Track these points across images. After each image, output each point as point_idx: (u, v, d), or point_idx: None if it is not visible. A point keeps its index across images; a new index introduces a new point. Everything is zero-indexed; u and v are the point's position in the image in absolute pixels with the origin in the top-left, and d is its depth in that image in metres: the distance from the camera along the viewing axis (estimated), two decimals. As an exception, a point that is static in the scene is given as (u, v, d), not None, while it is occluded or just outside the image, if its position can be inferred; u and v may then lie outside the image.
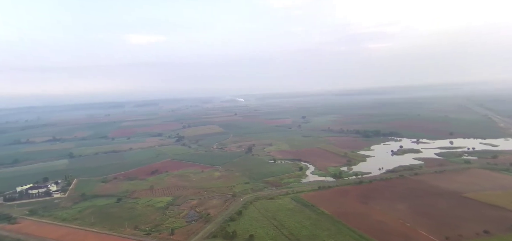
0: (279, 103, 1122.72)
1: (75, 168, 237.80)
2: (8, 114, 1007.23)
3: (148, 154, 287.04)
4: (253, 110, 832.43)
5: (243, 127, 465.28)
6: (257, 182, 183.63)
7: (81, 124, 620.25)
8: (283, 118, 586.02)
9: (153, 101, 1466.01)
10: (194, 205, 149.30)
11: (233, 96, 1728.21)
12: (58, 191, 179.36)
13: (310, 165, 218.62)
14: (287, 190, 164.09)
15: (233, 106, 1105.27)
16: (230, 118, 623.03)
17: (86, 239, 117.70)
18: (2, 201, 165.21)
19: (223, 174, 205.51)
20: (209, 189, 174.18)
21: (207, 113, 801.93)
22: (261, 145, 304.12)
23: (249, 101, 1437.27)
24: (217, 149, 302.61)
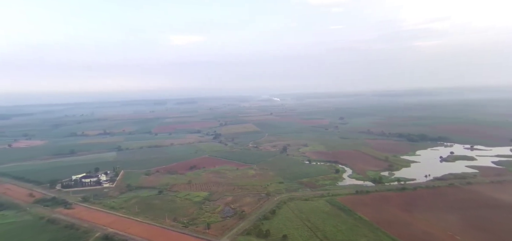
0: (316, 103, 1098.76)
1: (122, 160, 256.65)
2: (66, 108, 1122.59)
3: (187, 150, 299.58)
4: (289, 110, 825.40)
5: (279, 127, 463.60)
6: (291, 182, 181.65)
7: (128, 120, 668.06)
8: (319, 118, 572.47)
9: (193, 99, 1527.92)
10: (229, 202, 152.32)
11: (269, 95, 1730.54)
12: (107, 181, 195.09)
13: (348, 168, 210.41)
14: (322, 192, 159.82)
15: (269, 105, 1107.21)
16: (265, 117, 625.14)
17: (131, 227, 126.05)
18: (60, 188, 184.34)
19: (257, 173, 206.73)
20: (244, 186, 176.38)
21: (243, 111, 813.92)
22: (296, 145, 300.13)
23: (285, 100, 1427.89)
24: (252, 148, 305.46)
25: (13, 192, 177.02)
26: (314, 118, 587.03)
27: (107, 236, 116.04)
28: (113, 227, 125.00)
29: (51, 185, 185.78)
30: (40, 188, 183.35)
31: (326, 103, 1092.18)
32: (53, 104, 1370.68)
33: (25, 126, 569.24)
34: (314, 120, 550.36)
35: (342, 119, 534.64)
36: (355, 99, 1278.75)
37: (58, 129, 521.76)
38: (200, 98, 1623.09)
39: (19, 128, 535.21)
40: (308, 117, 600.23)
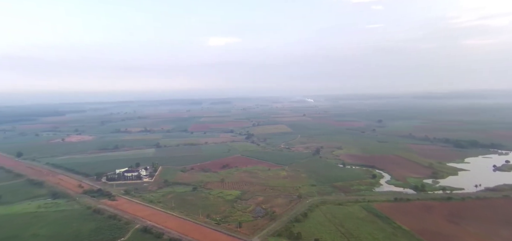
0: (352, 105, 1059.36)
1: (160, 157, 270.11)
2: (112, 107, 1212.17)
3: (220, 149, 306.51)
4: (323, 111, 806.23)
5: (312, 128, 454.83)
6: (324, 185, 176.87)
7: (166, 118, 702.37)
8: (355, 120, 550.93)
9: (227, 99, 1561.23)
10: (260, 202, 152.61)
11: (303, 96, 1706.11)
12: (147, 175, 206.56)
13: (386, 173, 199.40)
14: (357, 198, 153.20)
15: (302, 106, 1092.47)
16: (298, 119, 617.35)
17: (167, 221, 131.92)
18: (105, 180, 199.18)
19: (289, 174, 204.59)
20: (275, 187, 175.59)
21: (276, 112, 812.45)
22: (330, 148, 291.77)
23: (319, 101, 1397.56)
24: (284, 149, 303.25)
25: (65, 182, 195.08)
26: (350, 120, 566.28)
27: (145, 228, 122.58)
28: (151, 220, 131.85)
29: (97, 177, 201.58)
30: (88, 180, 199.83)
31: (362, 105, 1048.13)
32: (101, 102, 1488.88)
33: (76, 122, 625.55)
34: (349, 122, 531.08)
35: (380, 122, 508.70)
36: (395, 101, 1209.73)
37: (104, 126, 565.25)
38: (234, 98, 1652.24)
39: (72, 124, 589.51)
40: (343, 119, 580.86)
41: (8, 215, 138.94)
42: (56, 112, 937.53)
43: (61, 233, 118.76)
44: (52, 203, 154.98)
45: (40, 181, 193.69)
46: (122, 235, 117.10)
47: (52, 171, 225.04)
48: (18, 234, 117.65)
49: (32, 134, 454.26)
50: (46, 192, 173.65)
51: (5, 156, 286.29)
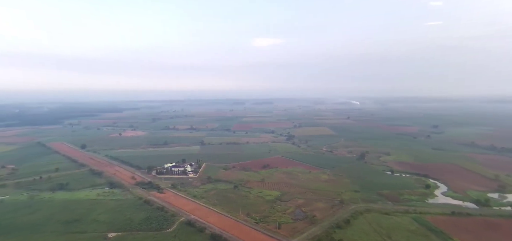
0: (403, 108, 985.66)
1: (204, 154, 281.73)
2: (163, 105, 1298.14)
3: (261, 149, 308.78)
4: (369, 114, 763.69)
5: (356, 132, 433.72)
6: (369, 192, 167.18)
7: (211, 117, 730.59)
8: (406, 125, 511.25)
9: (269, 100, 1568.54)
10: (300, 204, 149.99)
11: (347, 98, 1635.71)
12: (191, 171, 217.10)
13: (441, 184, 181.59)
14: (407, 208, 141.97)
15: (346, 108, 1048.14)
16: (342, 121, 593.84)
17: (209, 216, 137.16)
18: (155, 174, 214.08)
19: (331, 178, 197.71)
20: (316, 190, 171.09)
21: (318, 114, 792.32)
22: (376, 153, 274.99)
23: (365, 104, 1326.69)
24: (326, 152, 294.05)
25: (121, 174, 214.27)
26: (400, 124, 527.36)
27: (189, 222, 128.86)
28: (194, 214, 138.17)
29: (148, 170, 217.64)
30: (140, 172, 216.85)
31: (416, 108, 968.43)
32: (153, 100, 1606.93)
33: (132, 119, 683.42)
34: (399, 126, 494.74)
35: (436, 127, 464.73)
36: (457, 105, 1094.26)
37: (155, 123, 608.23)
38: (276, 99, 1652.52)
39: (128, 120, 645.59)
40: (392, 123, 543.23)
41: (73, 201, 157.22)
42: (116, 109, 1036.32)
43: (116, 220, 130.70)
44: (109, 192, 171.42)
45: (99, 171, 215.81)
46: (169, 227, 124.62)
47: (110, 163, 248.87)
48: (80, 218, 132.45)
49: (95, 129, 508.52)
50: (105, 181, 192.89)
51: (72, 147, 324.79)
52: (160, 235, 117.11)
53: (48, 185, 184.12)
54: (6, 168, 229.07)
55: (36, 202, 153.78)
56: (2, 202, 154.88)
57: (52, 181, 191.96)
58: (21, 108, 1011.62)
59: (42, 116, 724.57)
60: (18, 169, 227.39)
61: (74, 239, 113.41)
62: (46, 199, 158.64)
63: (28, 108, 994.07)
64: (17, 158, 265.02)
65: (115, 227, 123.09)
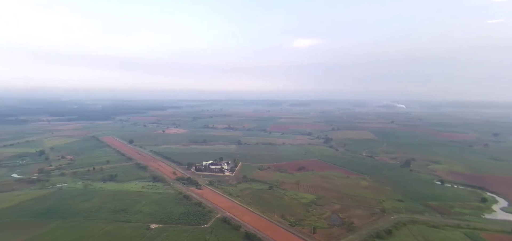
0: (457, 113, 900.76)
1: (240, 153, 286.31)
2: (203, 104, 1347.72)
3: (297, 151, 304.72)
4: (417, 119, 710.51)
5: (401, 137, 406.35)
6: (414, 202, 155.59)
7: (248, 117, 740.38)
8: (460, 132, 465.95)
9: (306, 101, 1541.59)
10: (337, 210, 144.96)
11: (391, 101, 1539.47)
12: (228, 170, 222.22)
13: (501, 198, 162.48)
14: (458, 222, 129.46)
15: (390, 112, 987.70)
16: (385, 125, 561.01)
17: (244, 215, 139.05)
18: (194, 170, 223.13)
19: (371, 185, 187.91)
20: (354, 196, 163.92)
21: (358, 117, 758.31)
22: (424, 161, 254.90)
23: (411, 107, 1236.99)
24: (366, 157, 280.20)
25: (163, 169, 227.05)
26: (452, 131, 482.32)
27: (225, 219, 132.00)
28: (230, 212, 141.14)
29: (187, 167, 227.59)
30: (180, 168, 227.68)
31: (472, 113, 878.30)
32: (194, 100, 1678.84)
33: (174, 117, 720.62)
34: (451, 133, 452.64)
35: (496, 135, 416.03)
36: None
37: (196, 121, 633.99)
38: (314, 100, 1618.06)
39: (171, 118, 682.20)
40: (443, 129, 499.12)
41: (121, 192, 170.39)
42: (160, 107, 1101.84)
43: (158, 212, 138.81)
44: (152, 185, 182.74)
45: (144, 166, 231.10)
46: (205, 222, 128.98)
47: (154, 158, 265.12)
48: (126, 209, 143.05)
49: (141, 125, 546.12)
50: (149, 175, 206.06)
51: (121, 142, 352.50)
52: (198, 230, 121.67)
53: (100, 175, 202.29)
54: (66, 158, 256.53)
55: (90, 191, 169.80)
56: (62, 189, 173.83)
57: (104, 172, 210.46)
58: (79, 104, 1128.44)
59: (96, 112, 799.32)
60: (75, 160, 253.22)
61: (121, 227, 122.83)
62: (98, 189, 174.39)
63: (85, 105, 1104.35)
64: (75, 150, 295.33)
65: (157, 219, 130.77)
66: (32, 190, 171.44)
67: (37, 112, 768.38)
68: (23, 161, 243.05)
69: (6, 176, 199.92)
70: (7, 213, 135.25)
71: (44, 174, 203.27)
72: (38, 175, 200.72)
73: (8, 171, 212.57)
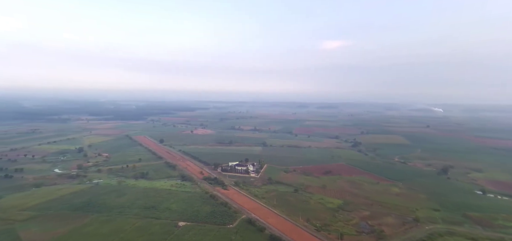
0: (501, 118, 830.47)
1: (266, 155, 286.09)
2: (231, 106, 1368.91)
3: (323, 154, 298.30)
4: (455, 124, 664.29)
5: (437, 143, 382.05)
6: (452, 212, 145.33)
7: (274, 119, 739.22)
8: (506, 138, 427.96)
9: (334, 104, 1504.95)
10: (366, 217, 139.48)
11: (427, 105, 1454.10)
12: (253, 171, 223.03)
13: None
14: (502, 236, 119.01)
15: (425, 116, 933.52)
16: (419, 130, 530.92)
17: (269, 217, 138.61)
18: (220, 171, 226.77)
19: (403, 192, 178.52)
20: (384, 204, 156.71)
21: (389, 121, 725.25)
22: (464, 169, 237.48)
23: (450, 111, 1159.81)
24: (398, 162, 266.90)
25: (191, 168, 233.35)
26: (495, 137, 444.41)
27: (250, 220, 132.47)
28: (255, 213, 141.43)
29: (214, 167, 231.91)
30: (207, 168, 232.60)
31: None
32: (222, 101, 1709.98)
33: (202, 118, 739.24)
34: (494, 139, 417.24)
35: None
36: None
37: (223, 122, 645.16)
38: (342, 103, 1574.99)
39: (199, 119, 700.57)
40: (485, 135, 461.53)
41: (151, 189, 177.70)
42: (189, 108, 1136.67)
43: (186, 211, 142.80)
44: (181, 184, 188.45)
45: (173, 164, 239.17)
46: (231, 222, 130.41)
47: (182, 157, 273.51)
48: (156, 206, 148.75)
49: (171, 125, 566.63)
50: (177, 174, 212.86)
51: (152, 141, 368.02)
52: (223, 230, 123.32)
53: (132, 173, 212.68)
54: (102, 156, 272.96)
55: (123, 187, 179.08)
56: (98, 184, 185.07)
57: (136, 170, 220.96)
58: (115, 104, 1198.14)
59: (130, 113, 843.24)
60: (111, 157, 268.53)
61: (151, 223, 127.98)
62: (131, 185, 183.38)
63: (120, 105, 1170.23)
64: (110, 148, 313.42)
65: (185, 217, 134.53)
66: (72, 184, 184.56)
67: (78, 111, 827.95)
68: (64, 158, 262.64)
69: (50, 171, 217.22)
70: (50, 205, 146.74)
71: (82, 170, 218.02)
72: (77, 171, 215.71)
73: (52, 167, 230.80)
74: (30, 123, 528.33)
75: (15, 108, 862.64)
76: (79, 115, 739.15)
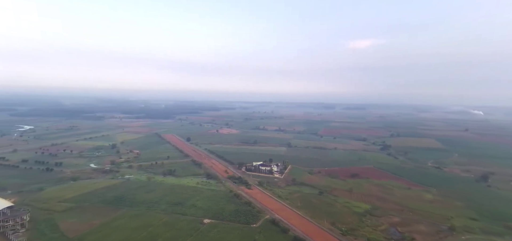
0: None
1: (290, 156, 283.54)
2: (255, 106, 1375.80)
3: (350, 157, 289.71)
4: (497, 128, 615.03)
5: (476, 148, 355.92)
6: (491, 222, 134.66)
7: (299, 120, 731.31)
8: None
9: (362, 105, 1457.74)
10: (396, 223, 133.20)
11: (465, 107, 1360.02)
12: (277, 171, 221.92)
13: None
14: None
15: (464, 119, 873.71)
16: (456, 134, 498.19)
17: (293, 218, 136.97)
18: (244, 170, 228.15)
19: (437, 199, 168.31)
20: (416, 210, 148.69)
21: (423, 123, 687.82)
22: (506, 176, 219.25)
23: (492, 115, 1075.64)
24: (432, 167, 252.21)
25: (216, 167, 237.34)
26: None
27: (274, 220, 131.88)
28: (278, 214, 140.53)
29: (238, 166, 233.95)
30: (231, 167, 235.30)
31: None
32: (247, 101, 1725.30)
33: (227, 117, 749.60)
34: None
35: None
36: None
37: (247, 122, 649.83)
38: (370, 104, 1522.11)
39: (224, 119, 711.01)
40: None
41: (179, 186, 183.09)
42: (214, 108, 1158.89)
43: (211, 208, 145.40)
44: (206, 182, 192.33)
45: (199, 163, 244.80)
46: (255, 222, 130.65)
47: (208, 156, 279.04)
48: (183, 202, 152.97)
49: (198, 124, 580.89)
50: (203, 172, 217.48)
51: (180, 139, 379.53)
52: (247, 229, 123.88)
53: (161, 170, 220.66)
54: (133, 152, 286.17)
55: (152, 183, 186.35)
56: (129, 180, 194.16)
57: (164, 167, 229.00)
58: (145, 103, 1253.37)
59: (160, 111, 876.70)
60: (141, 154, 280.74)
61: (177, 219, 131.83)
62: (159, 182, 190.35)
63: (150, 104, 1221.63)
64: (141, 145, 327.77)
65: (210, 215, 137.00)
66: (105, 179, 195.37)
67: (111, 109, 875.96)
68: (99, 153, 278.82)
69: (86, 166, 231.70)
70: (86, 198, 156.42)
71: (115, 166, 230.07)
72: (110, 166, 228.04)
73: (87, 161, 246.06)
74: (68, 120, 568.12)
75: (55, 106, 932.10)
76: (112, 113, 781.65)
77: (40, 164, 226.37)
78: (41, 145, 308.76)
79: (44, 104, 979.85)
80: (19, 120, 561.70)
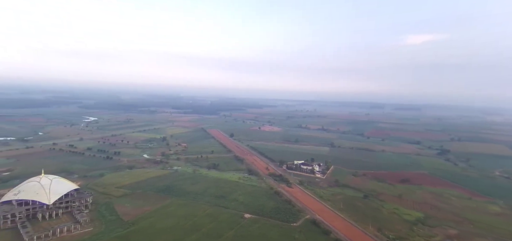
0: None
1: (333, 156, 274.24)
2: (298, 104, 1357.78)
3: (400, 160, 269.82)
4: None
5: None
6: None
7: (343, 120, 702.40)
8: None
9: (416, 106, 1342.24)
10: (453, 235, 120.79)
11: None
12: (319, 171, 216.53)
13: None
14: None
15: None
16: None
17: (334, 221, 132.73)
18: (285, 168, 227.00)
19: (504, 212, 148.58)
20: (478, 223, 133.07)
21: (489, 127, 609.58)
22: None
23: None
24: (499, 177, 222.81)
25: (258, 163, 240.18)
26: None
27: (314, 221, 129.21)
28: (319, 215, 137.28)
29: (279, 164, 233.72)
30: (272, 165, 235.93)
31: None
32: (289, 99, 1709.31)
33: (270, 115, 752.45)
34: None
35: None
36: None
37: (289, 120, 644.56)
38: (426, 105, 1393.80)
39: (267, 116, 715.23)
40: None
41: (222, 180, 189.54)
42: (257, 105, 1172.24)
43: (252, 203, 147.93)
44: (247, 177, 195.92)
45: (241, 158, 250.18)
46: (295, 221, 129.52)
47: (250, 152, 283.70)
48: (225, 196, 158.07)
49: (241, 121, 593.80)
50: (245, 168, 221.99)
51: (224, 134, 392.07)
52: (287, 227, 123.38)
53: (205, 163, 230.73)
54: (181, 145, 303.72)
55: (197, 176, 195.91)
56: (177, 171, 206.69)
57: (209, 160, 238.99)
58: (193, 99, 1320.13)
59: (206, 107, 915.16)
60: (188, 147, 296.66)
61: (220, 212, 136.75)
62: (204, 175, 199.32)
63: (197, 100, 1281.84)
64: (188, 139, 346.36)
65: (251, 210, 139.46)
66: (156, 169, 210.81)
67: (163, 104, 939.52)
68: (151, 145, 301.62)
69: (139, 156, 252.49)
70: (140, 186, 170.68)
71: (165, 157, 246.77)
72: (161, 157, 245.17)
73: (141, 152, 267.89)
74: (126, 114, 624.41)
75: (116, 100, 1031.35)
76: (163, 108, 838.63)
77: (102, 153, 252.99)
78: (103, 135, 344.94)
79: (106, 98, 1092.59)
80: (85, 112, 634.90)
